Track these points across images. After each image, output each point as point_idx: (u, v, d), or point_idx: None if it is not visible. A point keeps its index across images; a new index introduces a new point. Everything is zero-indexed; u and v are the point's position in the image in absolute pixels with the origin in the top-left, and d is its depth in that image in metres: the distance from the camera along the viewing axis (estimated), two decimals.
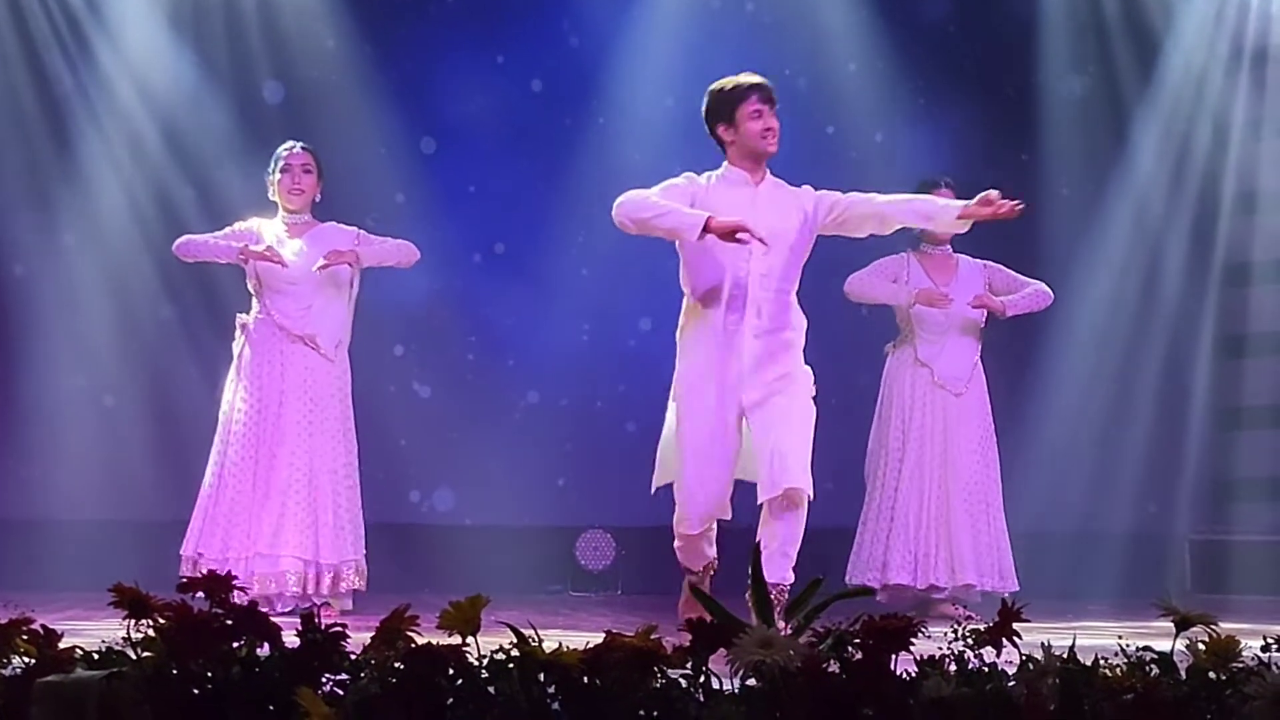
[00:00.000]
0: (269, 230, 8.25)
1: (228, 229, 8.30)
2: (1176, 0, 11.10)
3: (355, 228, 8.37)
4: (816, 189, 6.75)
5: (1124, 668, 3.03)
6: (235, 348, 8.26)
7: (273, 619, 2.90)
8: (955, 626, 3.10)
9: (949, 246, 8.71)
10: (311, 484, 8.06)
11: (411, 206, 10.58)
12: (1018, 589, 8.46)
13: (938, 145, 10.81)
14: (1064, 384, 10.94)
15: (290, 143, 8.38)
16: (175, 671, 2.76)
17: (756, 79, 6.73)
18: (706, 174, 6.75)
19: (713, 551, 6.85)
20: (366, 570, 8.16)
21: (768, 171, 6.76)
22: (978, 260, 8.75)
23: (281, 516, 7.97)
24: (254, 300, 8.25)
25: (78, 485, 10.07)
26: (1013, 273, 8.76)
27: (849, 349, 9.25)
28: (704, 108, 6.79)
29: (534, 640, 2.84)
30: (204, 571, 3.03)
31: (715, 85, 6.80)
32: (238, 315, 8.32)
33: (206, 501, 8.06)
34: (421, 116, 10.86)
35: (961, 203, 6.79)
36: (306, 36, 10.64)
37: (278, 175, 8.29)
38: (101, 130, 10.29)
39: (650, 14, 10.99)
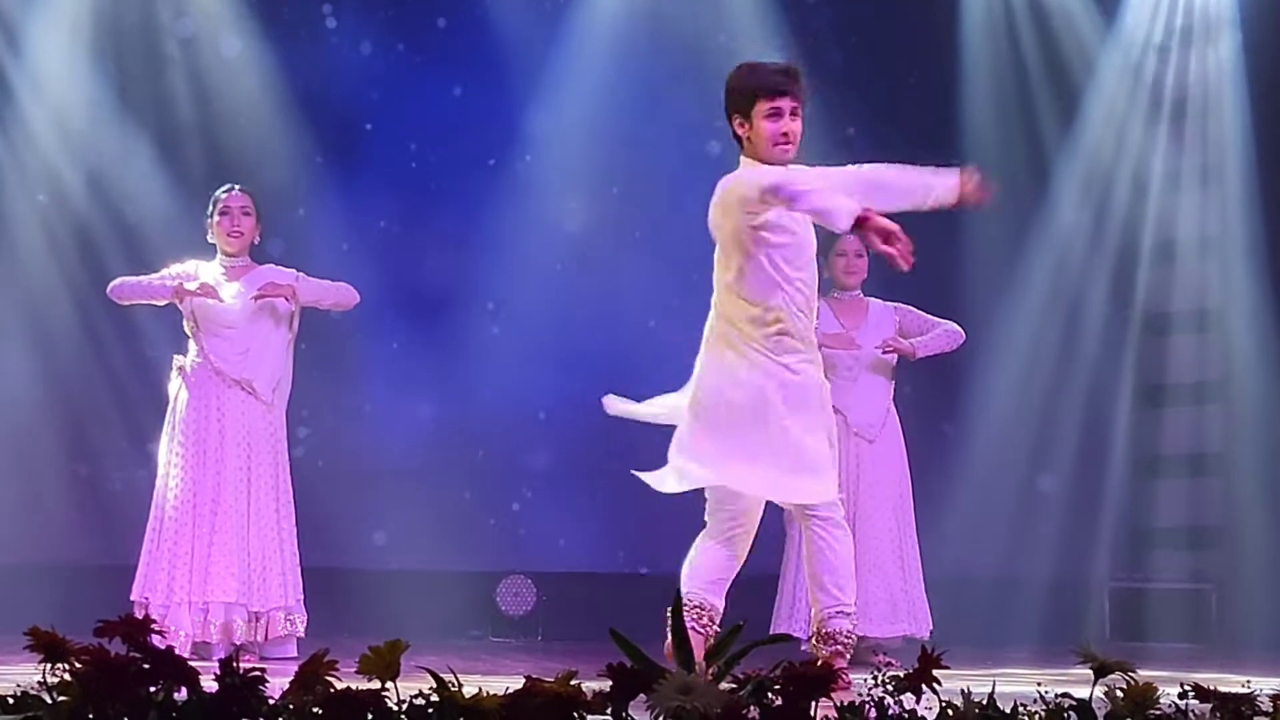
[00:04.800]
0: (206, 273, 8.17)
1: (164, 270, 8.24)
2: (1097, 52, 11.22)
3: (294, 270, 8.32)
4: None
5: (1043, 714, 3.04)
6: (171, 389, 8.19)
7: (192, 664, 2.88)
8: (875, 673, 3.11)
9: (859, 291, 8.74)
10: (248, 530, 8.01)
11: (326, 241, 10.47)
12: (931, 629, 8.50)
13: None
14: (984, 430, 11.00)
15: (228, 185, 8.32)
16: (91, 716, 2.73)
17: (783, 67, 6.00)
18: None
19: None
20: (305, 615, 8.13)
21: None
22: (889, 303, 8.77)
23: (222, 563, 7.92)
24: (190, 343, 8.18)
25: None
26: (923, 314, 8.78)
27: None
28: (724, 91, 6.04)
29: (454, 686, 2.83)
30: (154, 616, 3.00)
31: (736, 67, 6.09)
32: (175, 357, 8.24)
33: (150, 545, 8.02)
34: (339, 144, 10.72)
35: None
36: (226, 70, 10.57)
37: (216, 218, 8.20)
38: (21, 168, 10.21)
39: (594, 36, 10.85)
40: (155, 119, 10.44)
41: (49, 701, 2.78)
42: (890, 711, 3.00)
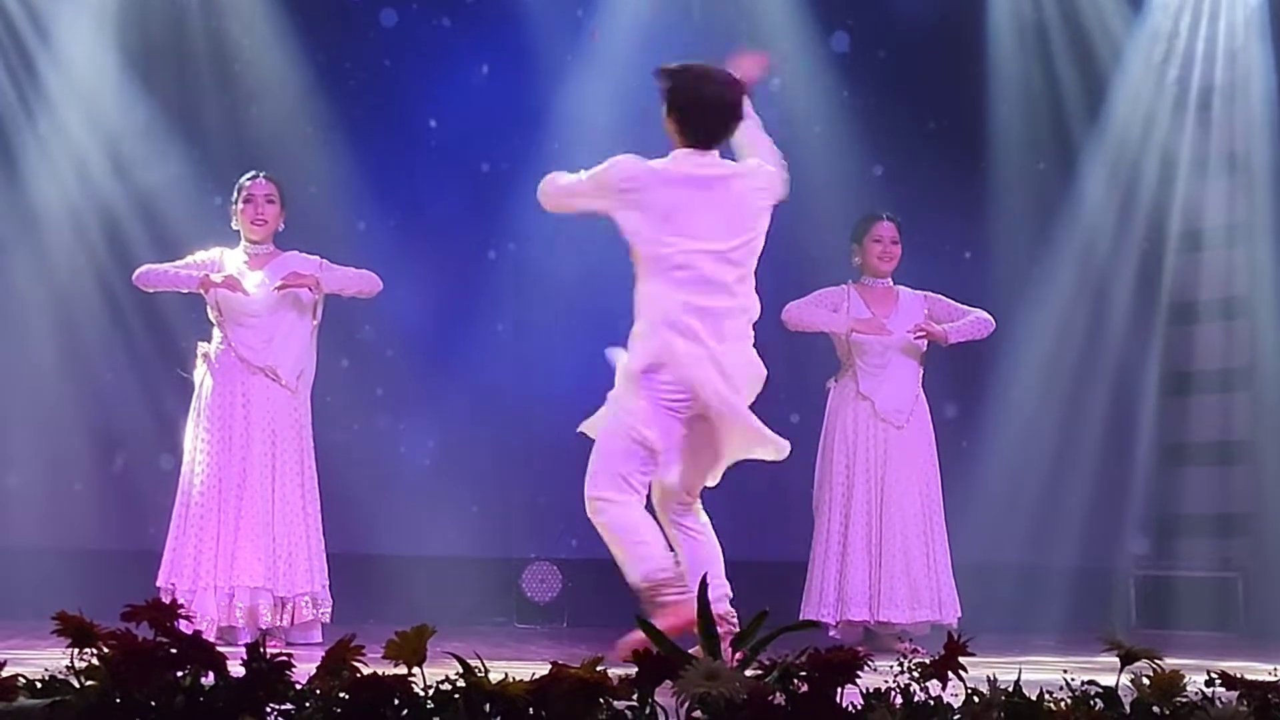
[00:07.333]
0: (231, 260, 8.18)
1: (189, 258, 8.22)
2: (1124, 39, 11.19)
3: (318, 257, 8.31)
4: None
5: (1069, 702, 3.04)
6: (196, 376, 8.20)
7: (220, 649, 2.89)
8: (901, 660, 3.10)
9: (889, 279, 8.73)
10: (273, 517, 8.02)
11: (343, 220, 10.41)
12: (959, 615, 8.48)
13: (883, 180, 10.80)
14: (1011, 418, 10.98)
15: (253, 171, 8.31)
16: (119, 700, 2.74)
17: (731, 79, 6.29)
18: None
19: None
20: (330, 601, 8.16)
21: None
22: (918, 291, 8.76)
23: (247, 549, 7.94)
24: (215, 330, 8.19)
25: (21, 513, 10.00)
26: (953, 302, 8.76)
27: (784, 386, 9.23)
28: (667, 86, 6.34)
29: (480, 671, 2.83)
30: (181, 601, 3.01)
31: (683, 69, 6.35)
32: (199, 344, 8.24)
33: (176, 531, 8.04)
34: (357, 119, 10.60)
35: None
36: (255, 59, 10.54)
37: (240, 205, 8.19)
38: (47, 154, 10.21)
39: (627, 19, 10.70)
40: (177, 94, 10.39)
41: (77, 685, 2.79)
42: (916, 698, 3.00)
